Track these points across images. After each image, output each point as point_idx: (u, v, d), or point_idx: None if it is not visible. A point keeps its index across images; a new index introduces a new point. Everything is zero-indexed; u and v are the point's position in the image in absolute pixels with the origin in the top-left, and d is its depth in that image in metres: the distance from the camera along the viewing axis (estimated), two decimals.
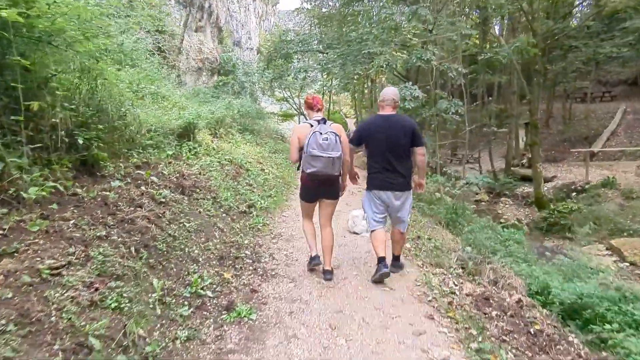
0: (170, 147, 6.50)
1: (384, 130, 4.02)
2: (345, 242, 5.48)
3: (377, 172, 4.10)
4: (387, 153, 4.01)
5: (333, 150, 3.78)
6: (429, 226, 7.66)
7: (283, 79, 16.93)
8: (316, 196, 4.18)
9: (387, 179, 4.04)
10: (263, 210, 6.29)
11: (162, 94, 9.37)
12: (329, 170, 3.83)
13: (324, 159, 3.76)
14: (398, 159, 4.01)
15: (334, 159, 3.79)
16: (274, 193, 7.49)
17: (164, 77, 11.83)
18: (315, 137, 3.78)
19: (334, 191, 4.15)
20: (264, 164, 9.19)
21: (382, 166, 4.06)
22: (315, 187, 4.07)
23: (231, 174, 7.01)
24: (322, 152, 3.75)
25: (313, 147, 3.77)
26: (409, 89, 7.96)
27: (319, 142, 3.76)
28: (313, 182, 3.99)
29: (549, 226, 12.90)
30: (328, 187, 4.08)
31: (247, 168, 7.86)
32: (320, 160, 3.78)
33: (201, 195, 5.35)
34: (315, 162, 3.80)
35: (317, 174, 3.85)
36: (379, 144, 4.06)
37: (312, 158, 3.79)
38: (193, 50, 21.54)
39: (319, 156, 3.76)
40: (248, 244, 4.95)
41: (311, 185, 4.07)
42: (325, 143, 3.75)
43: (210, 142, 8.44)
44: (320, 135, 3.78)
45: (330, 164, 3.80)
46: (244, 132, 11.18)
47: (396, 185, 4.04)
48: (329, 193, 4.14)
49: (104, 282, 2.82)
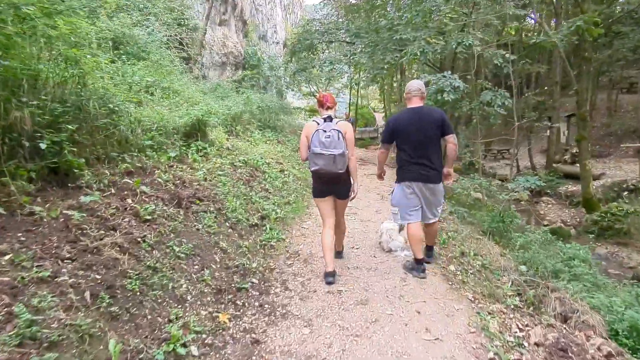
0: (174, 149, 5.64)
1: (414, 123, 3.97)
2: (375, 265, 4.45)
3: (408, 164, 4.03)
4: (418, 145, 3.97)
5: (335, 147, 3.70)
6: (472, 237, 6.58)
7: (307, 71, 15.83)
8: (327, 192, 4.05)
9: (420, 171, 3.98)
10: (279, 222, 5.34)
11: (174, 88, 8.55)
12: (330, 167, 3.74)
13: (325, 156, 3.71)
14: (429, 151, 3.96)
15: (335, 156, 3.70)
16: (294, 199, 6.54)
17: (180, 72, 11.06)
18: (318, 135, 3.75)
19: (342, 191, 4.05)
20: (284, 165, 8.26)
21: (413, 158, 4.00)
22: (322, 184, 4.02)
23: (244, 178, 6.10)
24: (323, 150, 3.71)
25: (315, 145, 3.74)
26: (448, 79, 6.83)
27: (321, 140, 3.72)
28: (320, 179, 3.97)
29: (601, 230, 11.50)
30: (335, 186, 4.00)
31: (263, 170, 6.94)
32: (322, 158, 3.73)
33: (202, 206, 4.45)
34: (317, 160, 3.76)
35: (320, 171, 3.80)
36: (409, 136, 4.00)
37: (315, 156, 3.76)
38: (217, 44, 20.81)
39: (320, 153, 3.72)
40: (256, 268, 4.02)
41: (319, 183, 4.03)
42: (327, 140, 3.71)
43: (224, 141, 7.56)
44: (324, 132, 3.74)
45: (331, 161, 3.72)
46: (264, 129, 10.28)
47: (428, 177, 3.99)
48: (338, 192, 4.05)
49: (25, 356, 1.93)
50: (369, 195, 7.85)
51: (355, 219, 6.14)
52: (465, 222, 7.64)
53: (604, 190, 14.43)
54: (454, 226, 6.83)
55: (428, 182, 4.00)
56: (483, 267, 5.00)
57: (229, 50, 21.25)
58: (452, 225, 6.87)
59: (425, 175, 3.98)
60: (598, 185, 14.96)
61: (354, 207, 6.89)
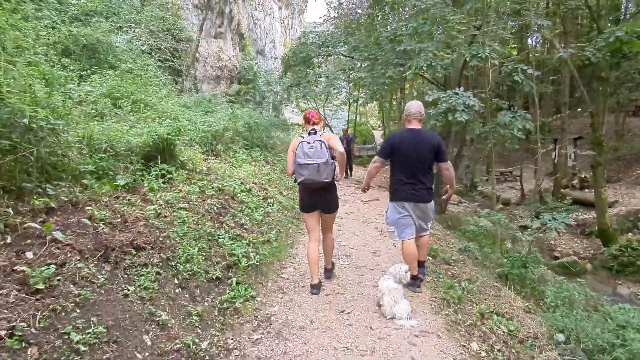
0: (126, 175, 4.51)
1: (411, 144, 4.05)
2: (372, 342, 3.26)
3: (401, 184, 4.11)
4: (412, 166, 4.05)
5: (318, 157, 3.74)
6: (488, 285, 5.42)
7: (301, 85, 14.75)
8: (313, 206, 4.07)
9: (412, 191, 4.06)
10: (250, 271, 4.15)
11: (148, 101, 7.47)
12: (315, 176, 3.77)
13: (310, 166, 3.74)
14: (423, 172, 4.06)
15: (319, 165, 3.73)
16: (275, 236, 5.37)
17: (164, 83, 10.01)
18: (302, 147, 3.79)
19: (330, 203, 4.09)
20: (269, 190, 7.11)
21: (406, 178, 4.08)
22: (309, 196, 4.02)
23: (214, 211, 4.94)
24: (307, 160, 3.75)
25: (300, 157, 3.77)
26: (461, 97, 5.73)
27: (305, 151, 3.77)
28: (306, 191, 3.99)
29: (622, 266, 10.34)
30: (322, 197, 4.02)
31: (241, 199, 5.78)
32: (306, 168, 3.76)
33: (142, 257, 3.28)
34: (302, 171, 3.78)
35: (305, 182, 3.82)
36: (405, 156, 4.07)
37: (300, 167, 3.78)
38: (211, 57, 19.86)
39: (305, 164, 3.75)
40: (207, 350, 2.85)
41: (305, 195, 4.04)
42: (311, 151, 3.75)
43: (200, 162, 6.45)
44: (307, 144, 3.79)
45: (315, 170, 3.75)
46: (251, 148, 9.15)
47: (420, 197, 4.07)
48: (325, 205, 4.08)
49: None
50: (365, 230, 6.69)
51: (348, 265, 4.96)
52: (478, 264, 6.49)
53: (619, 219, 13.30)
54: (466, 269, 5.67)
55: (419, 201, 4.08)
56: (510, 333, 3.86)
57: (224, 64, 20.29)
58: (464, 268, 5.71)
59: (416, 195, 4.05)
60: (612, 214, 13.84)
61: (348, 245, 5.73)
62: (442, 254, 5.88)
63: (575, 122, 23.40)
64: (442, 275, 4.94)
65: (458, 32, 8.12)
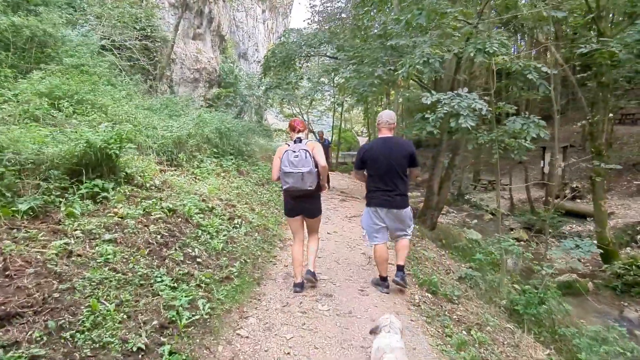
0: (34, 196, 3.36)
1: (383, 153, 4.16)
2: None
3: (376, 191, 4.22)
4: (385, 173, 4.16)
5: (303, 166, 3.82)
6: (502, 327, 4.38)
7: (281, 87, 13.54)
8: (296, 211, 4.15)
9: (386, 197, 4.15)
10: (192, 332, 2.99)
11: (97, 102, 6.30)
12: (299, 185, 3.85)
13: (295, 174, 3.83)
14: (396, 179, 4.14)
15: (304, 173, 3.82)
16: (239, 269, 4.22)
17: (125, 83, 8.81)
18: (288, 155, 3.89)
19: (313, 209, 4.16)
20: (238, 207, 5.97)
21: (381, 186, 4.18)
22: (293, 202, 4.08)
23: (157, 242, 3.78)
24: (292, 169, 3.84)
25: (286, 165, 3.87)
26: (465, 99, 4.70)
27: (291, 160, 3.86)
28: (290, 197, 4.05)
29: (626, 286, 9.44)
30: (306, 204, 4.09)
31: (198, 222, 4.63)
32: (291, 176, 3.85)
33: (15, 331, 2.15)
34: (287, 178, 3.88)
35: (290, 189, 3.91)
36: (377, 165, 4.19)
37: (285, 175, 3.88)
38: (189, 59, 18.62)
39: (290, 172, 3.84)
40: None
41: (289, 201, 4.11)
42: (296, 160, 3.84)
43: (153, 175, 5.31)
44: (293, 153, 3.88)
45: (300, 179, 3.83)
46: (222, 156, 8.00)
47: (394, 203, 4.15)
48: (309, 210, 4.15)
49: None
50: (350, 257, 5.53)
51: (329, 310, 3.82)
52: (482, 295, 5.46)
53: (617, 233, 12.48)
54: (472, 307, 4.62)
55: (392, 207, 4.17)
56: None
57: (202, 66, 19.06)
58: (470, 306, 4.65)
59: (389, 201, 4.15)
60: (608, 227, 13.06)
61: (329, 280, 4.61)
62: (442, 287, 4.82)
63: (564, 130, 22.76)
64: (448, 321, 3.88)
65: (453, 29, 7.14)
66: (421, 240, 7.70)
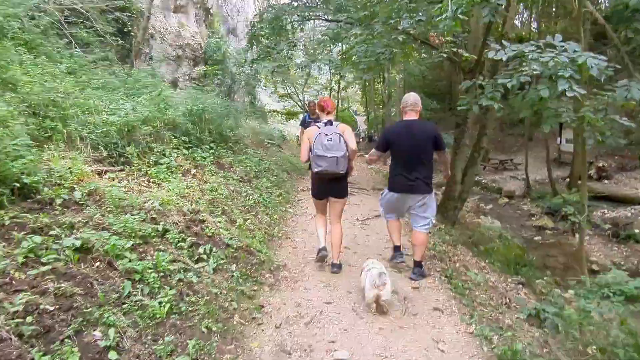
0: None
1: (407, 137, 4.01)
2: None
3: (398, 175, 4.10)
4: (410, 158, 4.03)
5: (337, 150, 3.77)
6: None
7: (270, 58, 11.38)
8: (325, 193, 4.13)
9: (408, 183, 4.02)
10: None
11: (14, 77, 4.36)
12: (333, 168, 3.81)
13: (329, 158, 3.77)
14: (419, 164, 4.00)
15: (338, 158, 3.78)
16: (194, 351, 2.42)
17: (70, 55, 6.82)
18: (320, 139, 3.80)
19: (341, 189, 4.11)
20: (209, 221, 4.10)
21: (404, 170, 4.05)
22: (323, 184, 4.06)
23: (18, 337, 1.94)
24: (326, 152, 3.76)
25: (318, 148, 3.78)
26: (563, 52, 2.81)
27: (324, 143, 3.77)
28: (321, 180, 4.01)
29: None
30: (335, 185, 4.04)
31: (128, 267, 2.75)
32: (325, 160, 3.79)
33: None
34: (320, 162, 3.82)
35: (323, 172, 3.86)
36: (402, 149, 4.06)
37: (318, 158, 3.81)
38: (170, 34, 16.43)
39: (323, 156, 3.77)
40: None
41: (319, 184, 4.08)
42: (330, 144, 3.76)
43: (77, 182, 3.44)
44: (326, 136, 3.79)
45: (334, 163, 3.79)
46: (197, 147, 6.10)
47: (416, 188, 4.01)
48: (337, 191, 4.10)
49: None
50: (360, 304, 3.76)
51: None
52: (564, 344, 3.67)
53: None
54: None
55: (414, 192, 4.02)
56: None
57: (185, 42, 16.89)
58: None
59: (410, 186, 4.01)
60: None
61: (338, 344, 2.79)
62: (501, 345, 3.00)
63: None
64: None
65: None
66: (453, 249, 5.91)
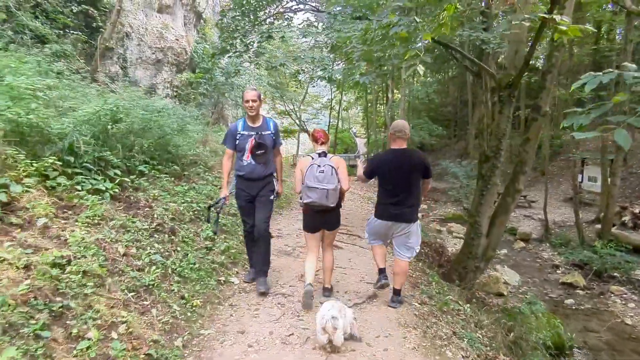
0: None
1: (395, 166, 3.92)
2: None
3: (384, 204, 4.01)
4: (396, 187, 3.93)
5: (328, 182, 3.71)
6: None
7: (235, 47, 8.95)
8: (317, 226, 3.99)
9: (394, 211, 3.93)
10: None
11: None
12: (323, 201, 3.72)
13: (319, 190, 3.71)
14: (406, 192, 3.90)
15: (329, 190, 3.70)
16: None
17: None
18: (312, 170, 3.76)
19: (334, 221, 4.01)
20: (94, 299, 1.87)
21: (390, 198, 3.96)
22: (313, 216, 3.94)
23: None
24: (317, 184, 3.71)
25: (309, 179, 3.74)
26: None
27: (315, 175, 3.73)
28: (311, 212, 3.91)
29: None
30: (326, 217, 3.94)
31: None
32: (315, 192, 3.72)
33: None
34: (311, 193, 3.74)
35: (313, 204, 3.78)
36: (389, 178, 3.97)
37: (309, 189, 3.75)
38: (150, 35, 14.41)
39: (314, 187, 3.72)
40: None
41: (311, 216, 3.96)
42: (321, 175, 3.71)
43: None
44: (318, 167, 3.75)
45: (324, 195, 3.71)
46: (99, 172, 3.89)
47: (401, 217, 3.93)
48: (330, 224, 4.01)
49: None
50: None
51: None
52: None
53: None
54: None
55: (399, 220, 3.93)
56: None
57: (168, 45, 14.84)
58: None
59: (396, 215, 3.92)
60: None
61: None
62: None
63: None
64: None
65: None
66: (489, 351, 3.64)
